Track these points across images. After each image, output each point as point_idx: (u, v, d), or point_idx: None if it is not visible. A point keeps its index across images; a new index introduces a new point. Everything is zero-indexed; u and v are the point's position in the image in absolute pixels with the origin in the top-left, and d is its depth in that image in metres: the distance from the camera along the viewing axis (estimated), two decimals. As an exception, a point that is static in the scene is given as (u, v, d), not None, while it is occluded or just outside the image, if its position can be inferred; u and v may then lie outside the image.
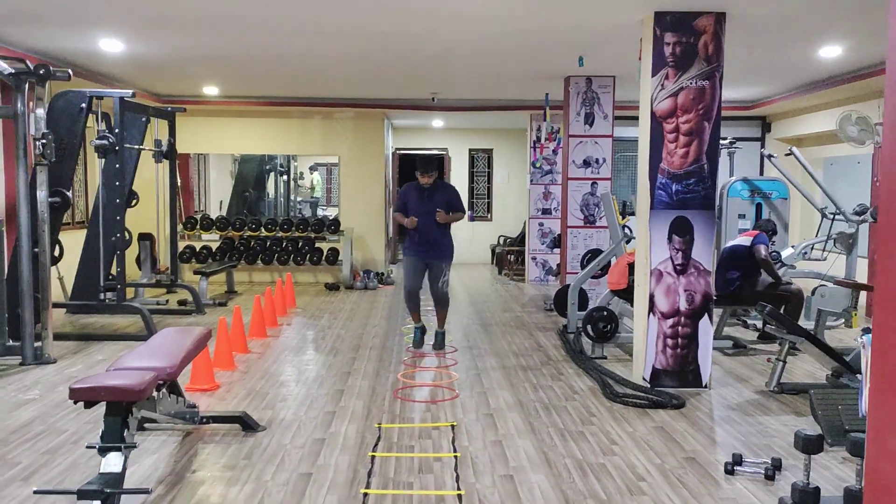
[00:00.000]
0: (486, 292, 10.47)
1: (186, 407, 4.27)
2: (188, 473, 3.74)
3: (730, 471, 3.74)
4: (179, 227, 9.91)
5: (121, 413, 3.34)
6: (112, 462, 3.28)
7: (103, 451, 3.30)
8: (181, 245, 10.54)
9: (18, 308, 6.10)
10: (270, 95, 10.69)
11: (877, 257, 2.70)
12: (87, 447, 3.43)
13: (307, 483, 3.62)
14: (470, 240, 13.92)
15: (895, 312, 2.50)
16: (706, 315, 5.33)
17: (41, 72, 5.90)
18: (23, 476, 3.67)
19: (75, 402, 3.35)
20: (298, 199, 15.38)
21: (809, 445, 3.01)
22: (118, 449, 3.30)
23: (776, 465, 3.73)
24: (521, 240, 12.63)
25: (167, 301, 9.09)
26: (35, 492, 3.35)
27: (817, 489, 3.01)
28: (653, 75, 5.19)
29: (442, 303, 6.57)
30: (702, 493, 3.52)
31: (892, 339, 2.50)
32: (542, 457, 4.00)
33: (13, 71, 5.86)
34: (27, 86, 5.94)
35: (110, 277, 7.58)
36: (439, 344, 6.59)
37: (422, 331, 6.67)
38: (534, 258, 11.39)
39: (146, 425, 4.30)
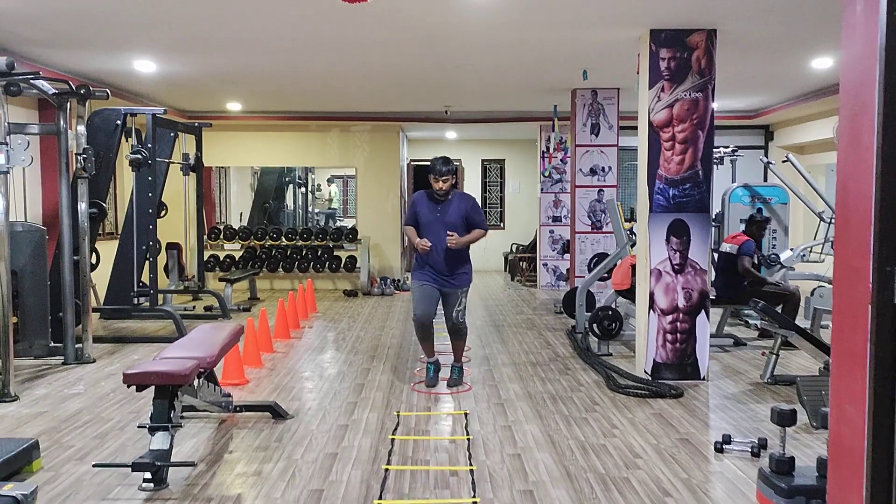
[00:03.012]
0: (499, 297, 10.84)
1: (222, 396, 4.67)
2: (226, 453, 4.14)
3: (719, 449, 4.09)
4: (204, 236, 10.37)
5: (168, 396, 3.75)
6: (160, 440, 3.69)
7: (153, 431, 3.71)
8: (205, 254, 11.00)
9: (60, 312, 6.55)
10: (290, 110, 11.18)
11: (834, 247, 3.10)
12: (139, 427, 3.83)
13: (334, 461, 4.01)
14: (484, 248, 14.28)
15: (850, 296, 2.88)
16: (703, 311, 5.68)
17: (82, 91, 6.37)
18: (77, 456, 4.07)
19: (128, 386, 3.76)
20: (316, 210, 15.85)
21: (783, 418, 3.35)
22: (166, 428, 3.71)
23: (762, 444, 4.07)
24: (532, 247, 13.00)
25: (194, 307, 9.55)
26: (94, 465, 3.76)
27: (792, 458, 3.34)
28: (650, 88, 5.57)
29: (458, 334, 5.54)
30: (692, 468, 3.87)
31: (848, 320, 2.88)
32: (548, 438, 4.36)
33: (56, 91, 6.33)
34: (69, 105, 6.41)
35: (141, 284, 8.04)
36: (455, 380, 5.57)
37: (436, 367, 5.63)
38: (545, 264, 11.75)
39: (184, 414, 4.70)
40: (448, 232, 5.22)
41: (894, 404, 2.66)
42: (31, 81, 5.89)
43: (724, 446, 4.10)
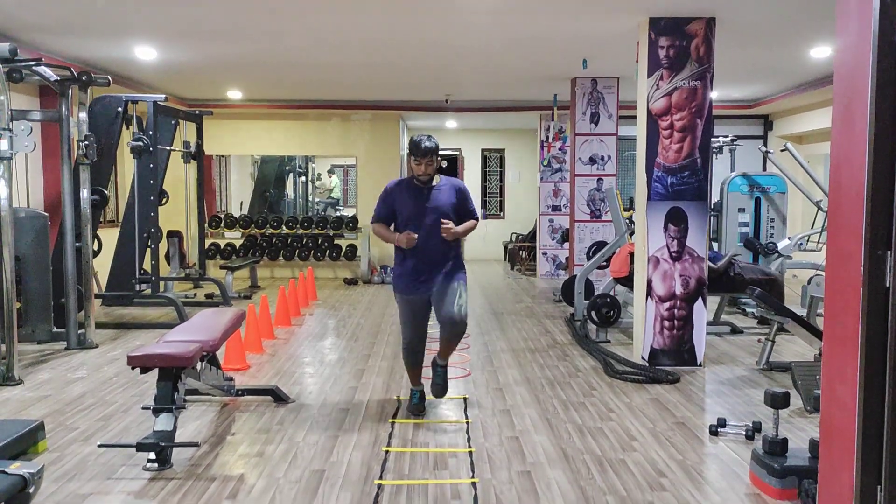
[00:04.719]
0: (498, 286, 10.90)
1: (224, 380, 4.73)
2: (228, 435, 4.20)
3: (714, 432, 4.15)
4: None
5: (171, 378, 3.81)
6: (164, 421, 3.75)
7: (156, 412, 3.77)
8: (206, 242, 11.05)
9: (62, 298, 6.60)
10: (291, 98, 11.19)
11: (826, 233, 3.16)
12: (143, 408, 3.90)
13: (335, 443, 4.07)
14: (483, 237, 14.33)
15: (842, 279, 2.93)
16: (700, 298, 5.73)
17: (84, 78, 6.39)
18: (82, 438, 4.13)
19: (132, 369, 3.81)
20: (316, 200, 15.88)
21: (776, 401, 3.41)
22: (170, 410, 3.77)
23: (756, 427, 4.12)
24: (532, 236, 13.04)
25: (195, 294, 9.60)
26: (99, 445, 3.83)
27: (785, 440, 3.40)
28: (648, 76, 5.60)
29: (455, 332, 4.37)
30: (687, 450, 3.93)
31: (840, 303, 2.93)
32: (546, 423, 4.42)
33: (58, 78, 6.35)
34: (70, 91, 6.44)
35: (143, 271, 8.09)
36: (439, 387, 4.57)
37: (421, 396, 4.63)
38: (544, 253, 11.79)
39: (187, 397, 4.75)
40: (442, 220, 4.28)
41: (885, 385, 2.72)
42: (34, 68, 5.93)
43: (718, 430, 4.16)
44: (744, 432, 4.11)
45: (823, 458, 3.04)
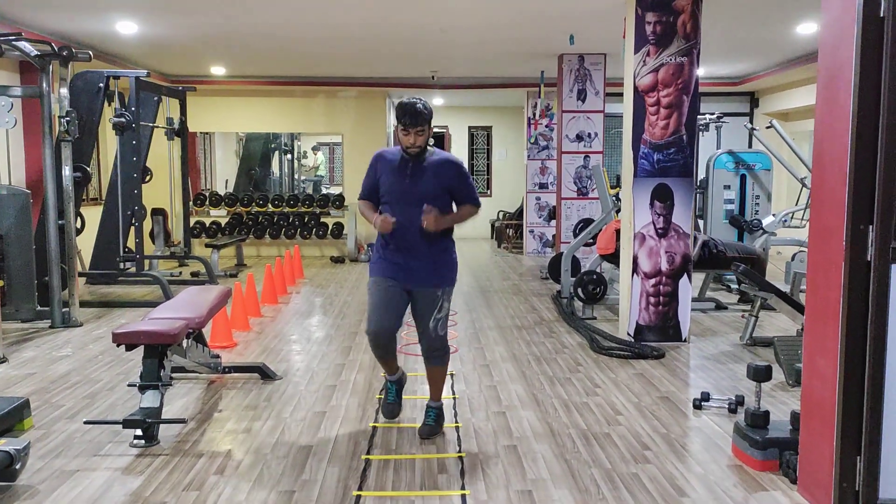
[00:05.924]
0: (485, 264, 10.92)
1: (211, 357, 4.72)
2: (216, 412, 4.20)
3: (698, 406, 4.20)
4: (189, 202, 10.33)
5: (157, 355, 3.80)
6: (151, 398, 3.75)
7: (143, 389, 3.76)
8: (191, 220, 10.98)
9: (46, 276, 6.55)
10: (276, 75, 11.08)
11: (809, 209, 3.18)
12: (129, 385, 3.89)
13: (322, 419, 4.08)
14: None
15: (824, 253, 2.95)
16: (685, 275, 5.77)
17: (65, 53, 6.29)
18: (68, 415, 4.12)
19: (117, 346, 3.80)
20: (302, 178, 15.77)
21: (758, 374, 3.45)
22: (156, 387, 3.76)
23: (739, 401, 4.18)
24: (519, 214, 13.06)
25: (180, 272, 9.55)
26: (85, 422, 3.82)
27: (767, 412, 3.45)
28: (635, 52, 5.59)
29: (436, 356, 3.83)
30: (671, 423, 3.98)
31: (822, 276, 2.96)
32: (532, 398, 4.45)
33: (39, 53, 6.25)
34: (51, 67, 6.33)
35: (127, 249, 8.03)
36: (431, 428, 3.81)
37: (399, 386, 4.06)
38: (531, 231, 11.82)
39: (173, 374, 4.74)
40: (425, 207, 3.58)
41: (865, 358, 2.76)
42: (13, 42, 5.83)
43: (702, 403, 4.21)
44: (727, 406, 4.16)
45: (804, 430, 3.09)
